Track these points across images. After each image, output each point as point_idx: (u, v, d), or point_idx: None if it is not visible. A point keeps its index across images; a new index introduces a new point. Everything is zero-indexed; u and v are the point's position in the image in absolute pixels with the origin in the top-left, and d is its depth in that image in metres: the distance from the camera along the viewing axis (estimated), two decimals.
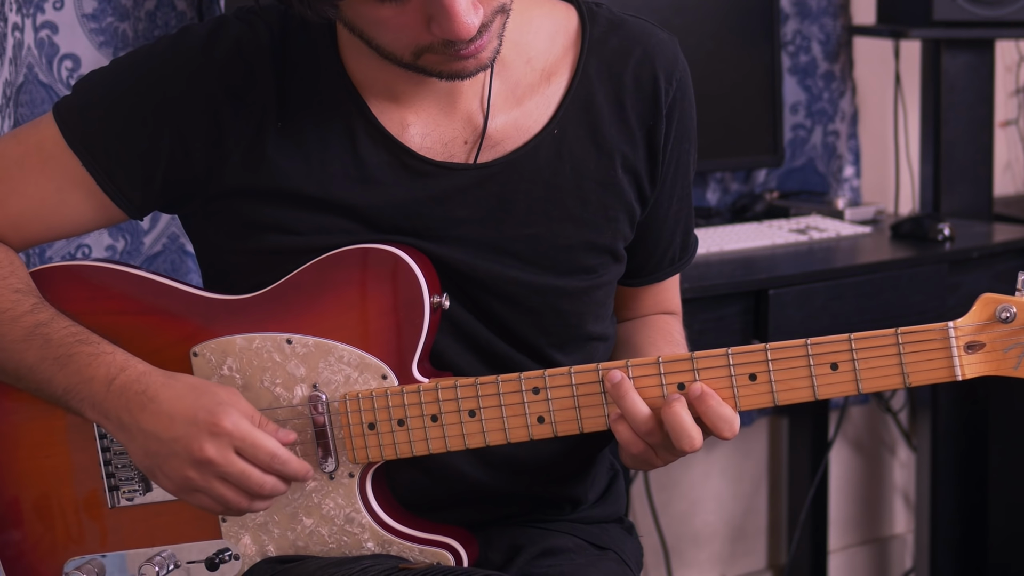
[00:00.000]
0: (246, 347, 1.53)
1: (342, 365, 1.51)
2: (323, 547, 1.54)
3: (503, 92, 1.57)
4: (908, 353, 1.41)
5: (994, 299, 1.40)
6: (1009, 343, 1.40)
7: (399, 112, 1.55)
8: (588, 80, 1.58)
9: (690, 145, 1.65)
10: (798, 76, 3.02)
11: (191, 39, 1.55)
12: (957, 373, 1.41)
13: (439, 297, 1.52)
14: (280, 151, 1.53)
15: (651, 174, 1.61)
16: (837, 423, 3.16)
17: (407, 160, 1.54)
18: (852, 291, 2.48)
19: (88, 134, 1.55)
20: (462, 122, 1.56)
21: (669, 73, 1.61)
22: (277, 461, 1.46)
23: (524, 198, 1.56)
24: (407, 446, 1.51)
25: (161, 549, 1.57)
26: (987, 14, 2.79)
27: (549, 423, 1.48)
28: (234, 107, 1.53)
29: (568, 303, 1.60)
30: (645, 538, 2.96)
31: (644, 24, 1.63)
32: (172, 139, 1.53)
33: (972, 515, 2.96)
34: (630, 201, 1.61)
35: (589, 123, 1.58)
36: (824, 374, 1.43)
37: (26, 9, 2.24)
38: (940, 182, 2.88)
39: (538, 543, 1.66)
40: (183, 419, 1.46)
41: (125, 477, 1.57)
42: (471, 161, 1.55)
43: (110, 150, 1.55)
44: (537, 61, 1.58)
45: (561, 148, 1.57)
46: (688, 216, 1.70)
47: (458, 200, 1.55)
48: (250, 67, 1.53)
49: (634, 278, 1.70)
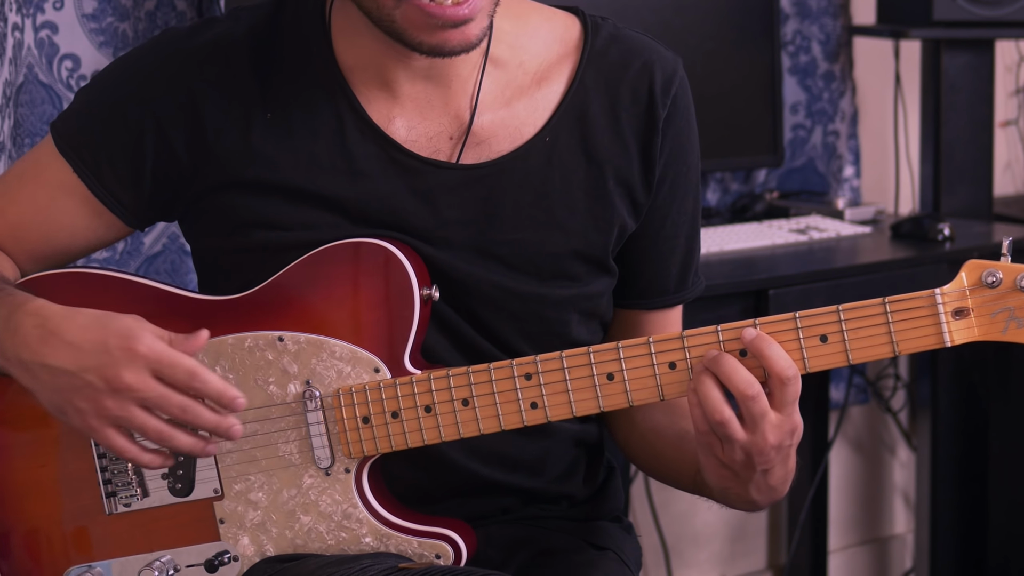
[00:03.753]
0: (238, 347, 1.53)
1: (334, 360, 1.51)
2: (322, 544, 1.54)
3: (493, 91, 1.57)
4: (896, 322, 1.42)
5: (980, 264, 1.41)
6: (996, 308, 1.41)
7: (387, 103, 1.55)
8: (584, 90, 1.58)
9: (688, 168, 1.63)
10: (798, 76, 3.02)
11: (171, 37, 1.57)
12: (946, 339, 1.42)
13: (429, 289, 1.52)
14: (268, 142, 1.54)
15: (645, 186, 1.60)
16: (837, 423, 3.17)
17: (394, 153, 1.54)
18: (852, 291, 2.48)
19: (77, 139, 1.57)
20: (448, 117, 1.56)
21: (666, 87, 1.59)
22: (197, 379, 1.40)
23: (512, 203, 1.56)
24: (402, 438, 1.51)
25: (160, 554, 1.56)
26: (987, 14, 2.79)
27: (542, 408, 1.49)
28: (216, 101, 1.53)
29: (552, 310, 1.59)
30: (645, 538, 2.97)
31: (648, 40, 1.62)
32: (156, 136, 1.54)
33: (972, 515, 2.96)
34: (622, 214, 1.60)
35: (582, 133, 1.57)
36: (814, 347, 1.43)
37: (26, 9, 2.24)
38: (940, 182, 2.88)
39: (537, 542, 1.66)
40: (93, 348, 1.41)
41: (122, 483, 1.56)
42: (455, 157, 1.55)
43: (98, 152, 1.56)
44: (530, 64, 1.58)
45: (552, 155, 1.57)
46: (688, 253, 1.67)
47: (445, 199, 1.55)
48: (230, 61, 1.54)
49: (624, 299, 1.67)
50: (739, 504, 1.52)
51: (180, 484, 1.55)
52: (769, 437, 1.41)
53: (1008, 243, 1.42)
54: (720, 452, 1.45)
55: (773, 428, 1.41)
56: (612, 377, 1.48)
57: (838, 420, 3.17)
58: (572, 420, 1.65)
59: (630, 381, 1.47)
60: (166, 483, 1.55)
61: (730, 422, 1.42)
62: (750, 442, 1.42)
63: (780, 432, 1.42)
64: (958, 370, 2.89)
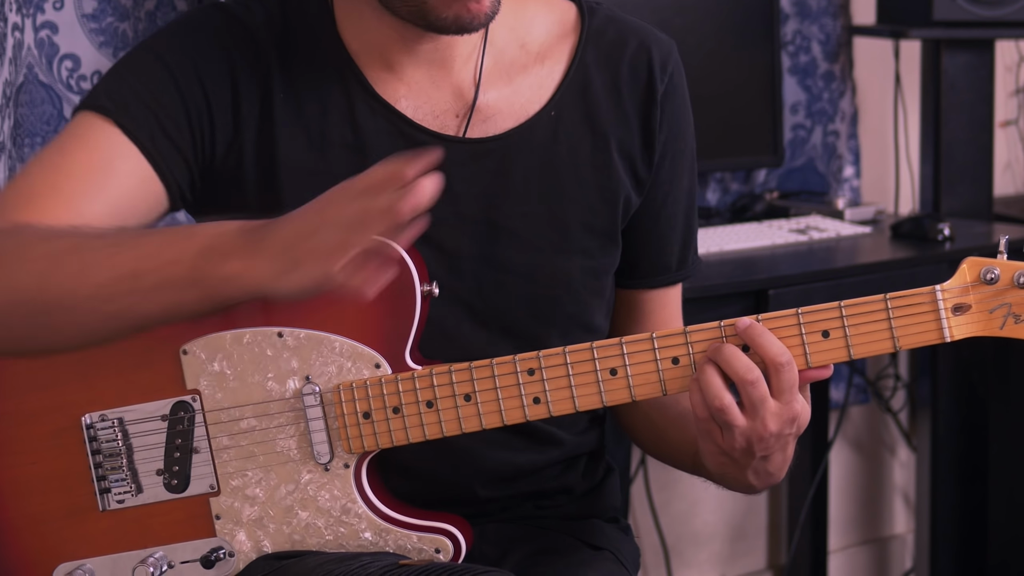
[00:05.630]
0: (236, 342, 1.53)
1: (334, 356, 1.51)
2: (320, 539, 1.54)
3: (495, 70, 1.61)
4: (897, 317, 1.45)
5: (978, 262, 1.44)
6: (994, 304, 1.44)
7: (392, 83, 1.59)
8: (585, 67, 1.62)
9: (685, 147, 1.68)
10: (798, 76, 3.03)
11: (204, 19, 1.60)
12: (946, 335, 1.44)
13: (429, 285, 1.53)
14: (282, 122, 1.57)
15: (647, 160, 1.64)
16: (837, 423, 3.17)
17: (404, 128, 1.58)
18: (852, 291, 2.45)
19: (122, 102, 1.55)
20: (452, 95, 1.60)
21: (663, 65, 1.65)
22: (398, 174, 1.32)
23: (521, 176, 1.60)
24: (403, 433, 1.51)
25: (153, 550, 1.56)
26: (987, 14, 2.79)
27: (545, 403, 1.49)
28: (247, 80, 1.57)
29: (563, 288, 1.62)
30: (645, 538, 2.97)
31: (642, 24, 1.68)
32: (203, 106, 1.56)
33: (972, 515, 2.96)
34: (626, 186, 1.63)
35: (585, 108, 1.62)
36: (816, 342, 1.45)
37: (26, 9, 2.25)
38: (940, 182, 2.88)
39: (532, 541, 1.66)
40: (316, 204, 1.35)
41: (116, 479, 1.56)
42: (463, 133, 1.59)
43: (148, 114, 1.55)
44: (531, 45, 1.63)
45: (558, 130, 1.61)
46: (688, 230, 1.71)
47: (454, 174, 1.55)
48: (256, 42, 1.58)
49: (629, 278, 1.70)
50: (735, 487, 1.55)
51: (176, 480, 1.55)
52: (770, 424, 1.43)
53: (1005, 241, 1.45)
54: (720, 439, 1.46)
55: (773, 415, 1.43)
56: (615, 372, 1.49)
57: (838, 420, 3.17)
58: (573, 430, 1.66)
59: (633, 376, 1.48)
60: (161, 479, 1.55)
61: (730, 408, 1.43)
62: (750, 428, 1.44)
63: (780, 420, 1.44)
64: (958, 370, 2.89)
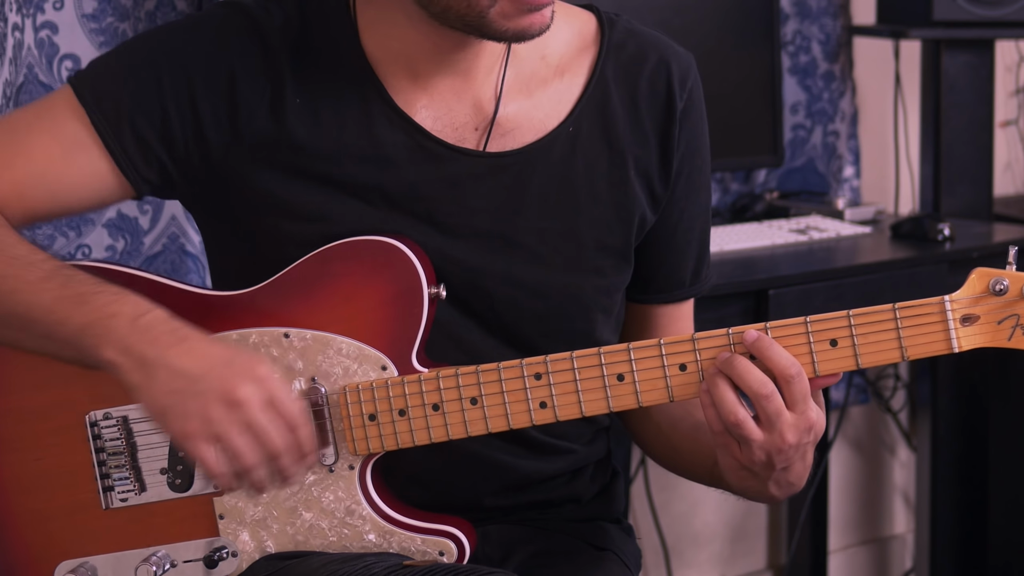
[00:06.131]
0: (242, 343, 1.53)
1: (341, 357, 1.51)
2: (323, 541, 1.54)
3: (515, 83, 1.59)
4: (906, 327, 1.44)
5: (987, 273, 1.44)
6: (1002, 315, 1.44)
7: (413, 94, 1.56)
8: (604, 82, 1.60)
9: (702, 163, 1.66)
10: (798, 76, 3.03)
11: (209, 19, 1.58)
12: (954, 345, 1.44)
13: (436, 288, 1.52)
14: (298, 128, 1.55)
15: (664, 177, 1.63)
16: (837, 423, 3.17)
17: (422, 140, 1.56)
18: (852, 291, 2.48)
19: (102, 94, 1.55)
20: (472, 107, 1.58)
21: (683, 81, 1.63)
22: (300, 428, 1.42)
23: (538, 191, 1.58)
24: (408, 435, 1.51)
25: (156, 549, 1.56)
26: (987, 14, 2.79)
27: (551, 408, 1.49)
28: (252, 84, 1.55)
29: (574, 304, 1.60)
30: (645, 538, 2.97)
31: (662, 37, 1.66)
32: (187, 107, 1.54)
33: (972, 515, 2.96)
34: (642, 205, 1.62)
35: (604, 123, 1.60)
36: (824, 350, 1.45)
37: (26, 9, 2.24)
38: (940, 182, 2.89)
39: (536, 542, 1.66)
40: (219, 360, 1.41)
41: (119, 477, 1.56)
42: (482, 147, 1.57)
43: (120, 110, 1.54)
44: (552, 58, 1.60)
45: (576, 145, 1.59)
46: (702, 246, 1.70)
47: (471, 188, 1.55)
48: (268, 46, 1.55)
49: (643, 293, 1.69)
50: (757, 497, 1.54)
51: (179, 479, 1.55)
52: (788, 436, 1.43)
53: (1014, 252, 1.45)
54: (738, 453, 1.46)
55: (790, 427, 1.43)
56: (622, 378, 1.48)
57: (838, 420, 3.17)
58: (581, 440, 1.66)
59: (640, 382, 1.48)
60: (165, 478, 1.55)
61: (745, 422, 1.43)
62: (768, 442, 1.43)
63: (798, 430, 1.43)
64: (958, 370, 2.89)
